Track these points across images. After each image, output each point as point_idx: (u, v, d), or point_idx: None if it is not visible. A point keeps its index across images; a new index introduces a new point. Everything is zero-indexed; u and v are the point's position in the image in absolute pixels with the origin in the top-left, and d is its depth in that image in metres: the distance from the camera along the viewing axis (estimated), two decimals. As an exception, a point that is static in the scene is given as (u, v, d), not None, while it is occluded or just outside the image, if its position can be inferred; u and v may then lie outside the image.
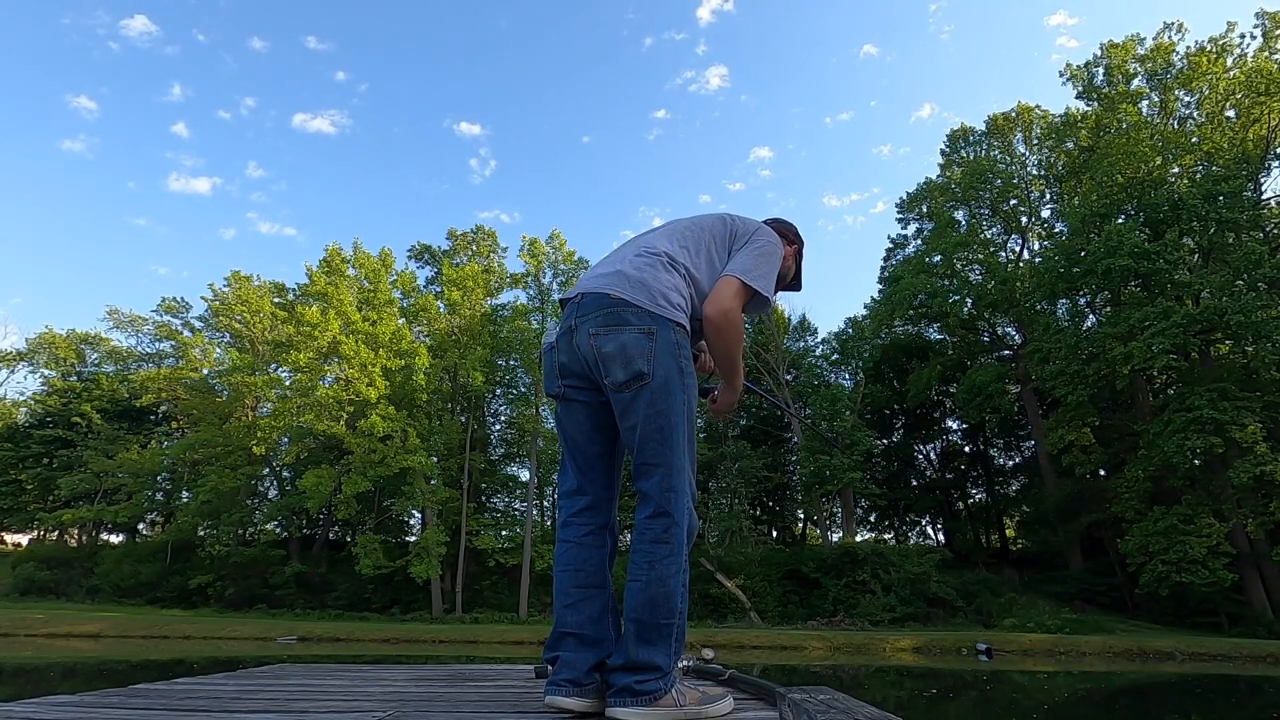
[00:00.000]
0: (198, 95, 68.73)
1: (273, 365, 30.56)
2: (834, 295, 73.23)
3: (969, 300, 28.97)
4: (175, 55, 67.88)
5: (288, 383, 27.50)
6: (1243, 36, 23.76)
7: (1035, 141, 29.65)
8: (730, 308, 1.55)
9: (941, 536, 34.16)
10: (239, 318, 31.67)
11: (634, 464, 1.52)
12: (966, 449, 34.99)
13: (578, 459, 1.64)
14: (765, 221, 1.91)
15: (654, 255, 1.59)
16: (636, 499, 1.52)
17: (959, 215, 30.40)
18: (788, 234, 1.97)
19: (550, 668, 1.52)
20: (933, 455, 35.84)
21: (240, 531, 30.47)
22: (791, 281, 2.04)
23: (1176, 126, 25.19)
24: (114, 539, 36.23)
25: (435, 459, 27.79)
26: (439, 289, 31.72)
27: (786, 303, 36.57)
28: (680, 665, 1.97)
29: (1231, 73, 23.66)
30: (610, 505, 1.66)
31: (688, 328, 1.57)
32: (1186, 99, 25.13)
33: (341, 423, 25.92)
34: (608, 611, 1.54)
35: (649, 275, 1.54)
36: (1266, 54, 23.08)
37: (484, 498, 31.35)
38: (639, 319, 1.48)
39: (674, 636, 1.44)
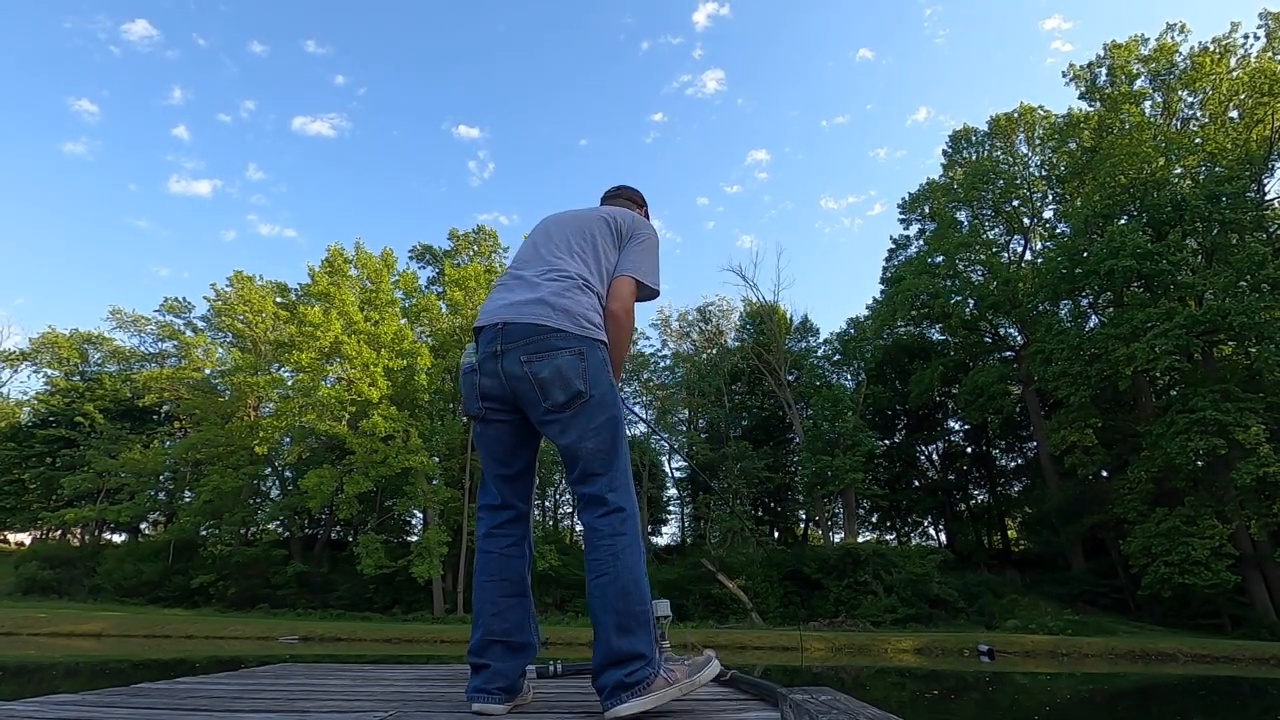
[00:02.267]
0: (198, 98, 68.85)
1: (275, 365, 30.60)
2: (832, 297, 73.09)
3: (971, 301, 28.91)
4: (176, 59, 68.03)
5: (290, 383, 27.52)
6: (1246, 37, 23.75)
7: (1038, 142, 29.60)
8: (630, 306, 1.74)
9: (943, 537, 34.12)
10: (241, 318, 31.74)
11: (577, 473, 1.58)
12: (968, 450, 34.93)
13: (499, 474, 1.70)
14: (614, 190, 2.18)
15: (568, 279, 1.67)
16: (581, 503, 1.59)
17: (961, 216, 30.36)
18: (637, 199, 2.20)
19: (476, 671, 1.56)
20: (935, 456, 35.80)
21: (242, 531, 30.51)
22: None
23: (1179, 127, 25.14)
24: (116, 538, 36.29)
25: (437, 459, 27.80)
26: (441, 289, 31.75)
27: (788, 304, 36.68)
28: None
29: (1235, 73, 23.61)
30: (529, 518, 1.75)
31: (608, 343, 1.68)
32: (1190, 99, 25.08)
33: (343, 423, 25.94)
34: (530, 618, 1.64)
35: (570, 301, 1.62)
36: (1270, 54, 23.03)
37: (485, 498, 31.30)
38: (567, 342, 1.57)
39: (650, 622, 1.48)
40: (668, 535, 37.46)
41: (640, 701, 1.35)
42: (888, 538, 34.64)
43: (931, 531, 35.60)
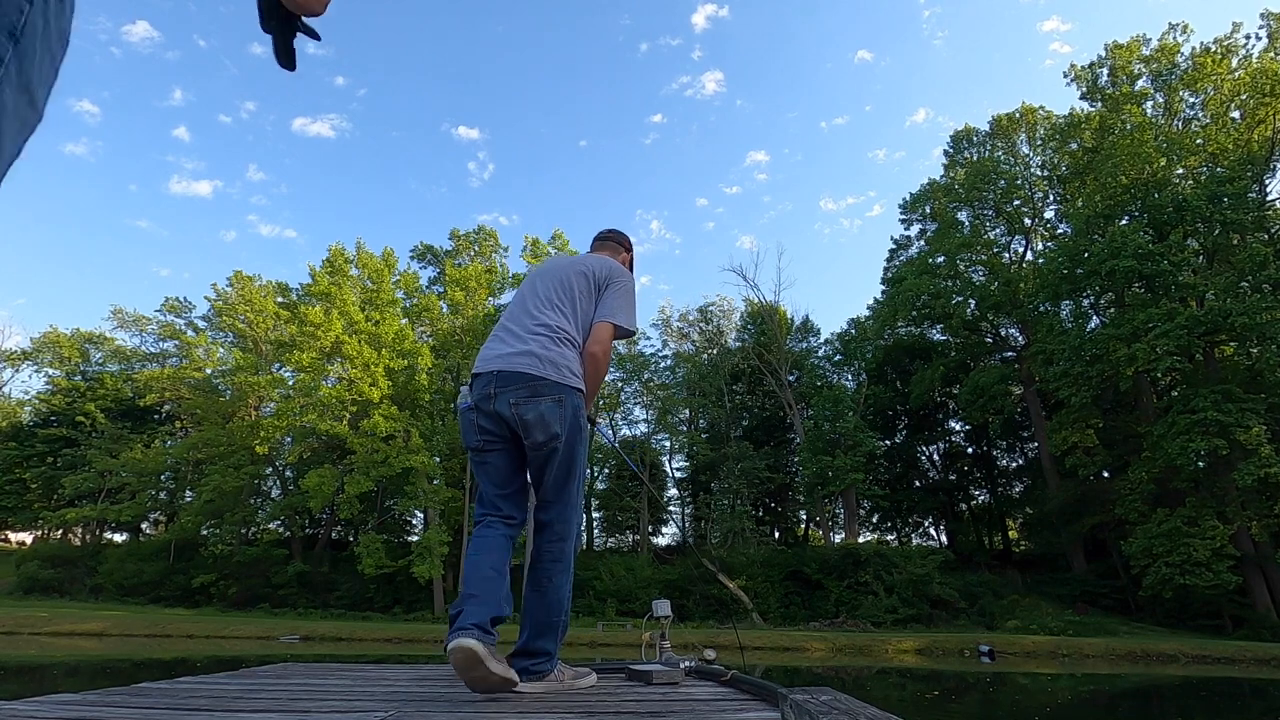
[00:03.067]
0: (199, 99, 68.76)
1: (276, 365, 30.62)
2: (832, 297, 73.08)
3: (972, 301, 28.88)
4: (176, 60, 67.96)
5: (291, 383, 27.53)
6: (1248, 38, 23.73)
7: (1039, 142, 29.56)
8: (608, 347, 2.05)
9: (944, 538, 34.08)
10: (242, 318, 31.74)
11: (539, 499, 1.99)
12: (969, 450, 34.89)
13: (497, 493, 1.98)
14: (604, 234, 2.45)
15: (553, 333, 1.97)
16: (535, 525, 1.98)
17: (962, 216, 30.34)
18: (624, 244, 2.46)
19: (453, 621, 1.73)
20: (935, 456, 35.75)
21: (243, 531, 30.53)
22: None
23: (1181, 127, 25.10)
24: (117, 538, 36.31)
25: (438, 459, 27.80)
26: (441, 289, 31.74)
27: (789, 304, 36.64)
28: (683, 666, 2.06)
29: (1236, 74, 23.58)
30: (521, 523, 2.02)
31: (585, 384, 1.98)
32: (1191, 100, 25.04)
33: (344, 422, 25.94)
34: (507, 591, 1.87)
35: (555, 354, 1.92)
36: (1272, 55, 22.99)
37: (486, 498, 31.30)
38: (551, 390, 1.87)
39: (560, 628, 1.94)
40: (668, 535, 37.42)
41: (537, 685, 1.81)
42: (888, 538, 34.62)
43: (932, 532, 35.59)
